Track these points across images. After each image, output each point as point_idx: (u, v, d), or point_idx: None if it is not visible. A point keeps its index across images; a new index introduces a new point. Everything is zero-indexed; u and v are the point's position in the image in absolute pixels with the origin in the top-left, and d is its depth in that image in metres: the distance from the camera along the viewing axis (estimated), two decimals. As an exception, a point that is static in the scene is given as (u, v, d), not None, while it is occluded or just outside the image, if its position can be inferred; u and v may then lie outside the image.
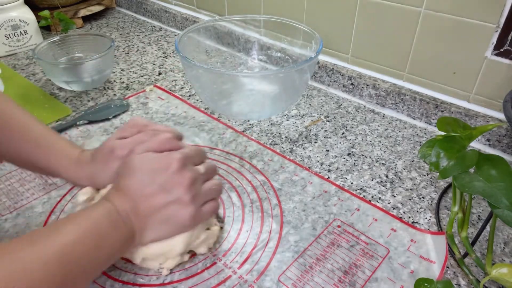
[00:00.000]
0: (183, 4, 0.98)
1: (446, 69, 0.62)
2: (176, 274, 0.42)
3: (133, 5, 1.08)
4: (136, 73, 0.80)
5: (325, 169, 0.56)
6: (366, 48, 0.70)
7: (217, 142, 0.61)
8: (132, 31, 0.99)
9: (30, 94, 0.72)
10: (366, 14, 0.67)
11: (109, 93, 0.73)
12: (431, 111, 0.64)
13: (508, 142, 0.59)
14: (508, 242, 0.46)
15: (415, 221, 0.49)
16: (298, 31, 0.68)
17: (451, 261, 0.44)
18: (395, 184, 0.54)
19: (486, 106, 0.61)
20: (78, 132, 0.63)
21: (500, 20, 0.54)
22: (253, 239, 0.46)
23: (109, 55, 0.72)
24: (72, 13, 0.97)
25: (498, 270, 0.37)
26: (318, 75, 0.76)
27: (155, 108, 0.69)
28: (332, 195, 0.52)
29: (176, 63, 0.84)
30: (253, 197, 0.51)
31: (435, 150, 0.42)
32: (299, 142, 0.61)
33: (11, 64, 0.83)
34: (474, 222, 0.48)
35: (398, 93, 0.67)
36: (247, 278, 0.42)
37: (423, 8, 0.60)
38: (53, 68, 0.70)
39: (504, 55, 0.56)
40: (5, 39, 0.84)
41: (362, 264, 0.43)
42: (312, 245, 0.45)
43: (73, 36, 0.77)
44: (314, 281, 0.41)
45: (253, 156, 0.58)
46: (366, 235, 0.46)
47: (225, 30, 0.79)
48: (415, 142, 0.62)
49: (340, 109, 0.69)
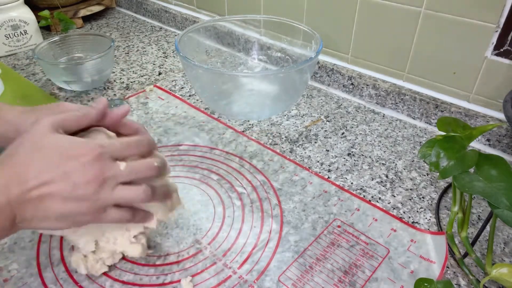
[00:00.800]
0: (183, 4, 0.98)
1: (446, 69, 0.62)
2: (176, 274, 0.42)
3: (133, 5, 1.08)
4: (136, 73, 0.80)
5: (325, 169, 0.56)
6: (366, 48, 0.70)
7: (217, 142, 0.61)
8: (132, 31, 0.99)
9: (30, 94, 0.72)
10: (366, 14, 0.67)
11: (109, 93, 0.73)
12: (431, 111, 0.64)
13: (508, 142, 0.59)
14: (508, 242, 0.46)
15: (415, 221, 0.49)
16: (298, 31, 0.68)
17: (451, 261, 0.44)
18: (395, 184, 0.54)
19: (486, 106, 0.61)
20: (78, 132, 0.62)
21: (500, 20, 0.54)
22: (253, 239, 0.46)
23: (109, 55, 0.72)
24: (72, 13, 0.97)
25: (498, 270, 0.37)
26: (318, 75, 0.76)
27: (155, 108, 0.69)
28: (332, 195, 0.52)
29: (176, 63, 0.84)
30: (253, 197, 0.51)
31: (435, 150, 0.42)
32: (299, 142, 0.61)
33: (11, 64, 0.83)
34: (474, 222, 0.48)
35: (398, 93, 0.67)
36: (247, 278, 0.42)
37: (423, 8, 0.60)
38: (53, 68, 0.70)
39: (504, 55, 0.56)
40: (5, 39, 0.84)
41: (362, 264, 0.43)
42: (312, 245, 0.45)
43: (73, 36, 0.77)
44: (314, 281, 0.41)
45: (253, 156, 0.58)
46: (366, 235, 0.46)
47: (225, 30, 0.79)
48: (415, 142, 0.62)
49: (340, 109, 0.69)
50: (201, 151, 0.59)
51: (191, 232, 0.47)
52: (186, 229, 0.47)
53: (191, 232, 0.47)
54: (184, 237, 0.46)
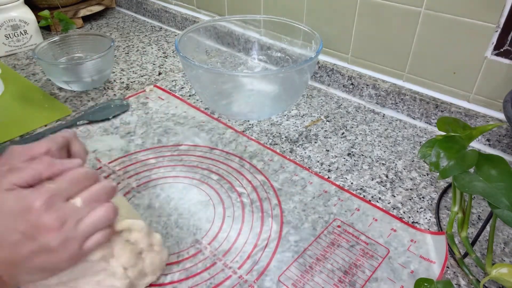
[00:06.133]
0: (183, 4, 0.98)
1: (446, 69, 0.62)
2: (176, 274, 0.42)
3: (133, 5, 1.08)
4: (136, 73, 0.80)
5: (325, 169, 0.56)
6: (366, 48, 0.70)
7: (217, 142, 0.61)
8: (132, 31, 0.99)
9: (30, 94, 0.72)
10: (366, 14, 0.67)
11: (109, 93, 0.73)
12: (431, 111, 0.64)
13: (508, 142, 0.59)
14: (508, 242, 0.46)
15: (415, 221, 0.49)
16: (298, 31, 0.68)
17: (451, 261, 0.44)
18: (395, 184, 0.54)
19: (486, 106, 0.61)
20: (78, 132, 0.63)
21: (500, 20, 0.54)
22: (253, 239, 0.46)
23: (109, 55, 0.72)
24: (72, 13, 0.97)
25: (498, 270, 0.37)
26: (318, 75, 0.76)
27: (155, 108, 0.69)
28: (332, 195, 0.52)
29: (176, 63, 0.84)
30: (253, 197, 0.51)
31: (435, 150, 0.42)
32: (299, 142, 0.61)
33: (11, 64, 0.83)
34: (474, 222, 0.48)
35: (398, 93, 0.67)
36: (247, 278, 0.42)
37: (423, 8, 0.60)
38: (53, 68, 0.70)
39: (504, 55, 0.56)
40: (5, 39, 0.84)
41: (362, 264, 0.43)
42: (312, 245, 0.45)
43: (73, 36, 0.77)
44: (314, 281, 0.41)
45: (253, 156, 0.58)
46: (366, 235, 0.46)
47: (225, 30, 0.79)
48: (415, 142, 0.62)
49: (340, 109, 0.70)
50: (201, 151, 0.59)
51: (191, 232, 0.47)
52: (186, 229, 0.47)
53: (191, 232, 0.47)
54: (184, 237, 0.46)
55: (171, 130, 0.63)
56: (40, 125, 0.64)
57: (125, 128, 0.64)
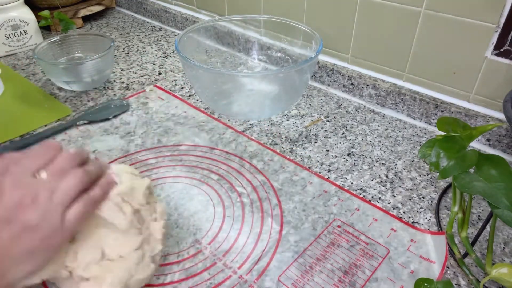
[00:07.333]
0: (183, 4, 0.98)
1: (446, 69, 0.62)
2: (176, 274, 0.42)
3: (133, 5, 1.08)
4: (136, 73, 0.80)
5: (325, 169, 0.56)
6: (366, 48, 0.70)
7: (217, 142, 0.61)
8: (132, 31, 0.99)
9: (30, 94, 0.72)
10: (366, 14, 0.67)
11: (109, 93, 0.73)
12: (431, 111, 0.64)
13: (508, 142, 0.59)
14: (508, 242, 0.46)
15: (415, 221, 0.49)
16: (298, 31, 0.68)
17: (451, 261, 0.44)
18: (395, 184, 0.54)
19: (486, 106, 0.61)
20: (78, 132, 0.63)
21: (500, 20, 0.54)
22: (253, 239, 0.46)
23: (109, 55, 0.72)
24: (72, 13, 0.97)
25: (498, 270, 0.37)
26: (318, 75, 0.76)
27: (155, 108, 0.69)
28: (332, 195, 0.52)
29: (176, 63, 0.84)
30: (253, 197, 0.51)
31: (435, 150, 0.42)
32: (299, 142, 0.61)
33: (11, 64, 0.83)
34: (474, 222, 0.48)
35: (398, 93, 0.67)
36: (247, 278, 0.42)
37: (423, 8, 0.60)
38: (53, 68, 0.70)
39: (504, 55, 0.56)
40: (5, 39, 0.84)
41: (362, 264, 0.43)
42: (312, 245, 0.45)
43: (73, 36, 0.77)
44: (314, 281, 0.41)
45: (253, 156, 0.58)
46: (366, 235, 0.46)
47: (225, 30, 0.79)
48: (415, 142, 0.62)
49: (340, 109, 0.70)
50: (201, 151, 0.59)
51: (191, 232, 0.47)
52: (186, 229, 0.47)
53: (191, 232, 0.47)
54: (184, 237, 0.46)
55: (171, 130, 0.63)
56: (40, 125, 0.64)
57: (125, 128, 0.64)
